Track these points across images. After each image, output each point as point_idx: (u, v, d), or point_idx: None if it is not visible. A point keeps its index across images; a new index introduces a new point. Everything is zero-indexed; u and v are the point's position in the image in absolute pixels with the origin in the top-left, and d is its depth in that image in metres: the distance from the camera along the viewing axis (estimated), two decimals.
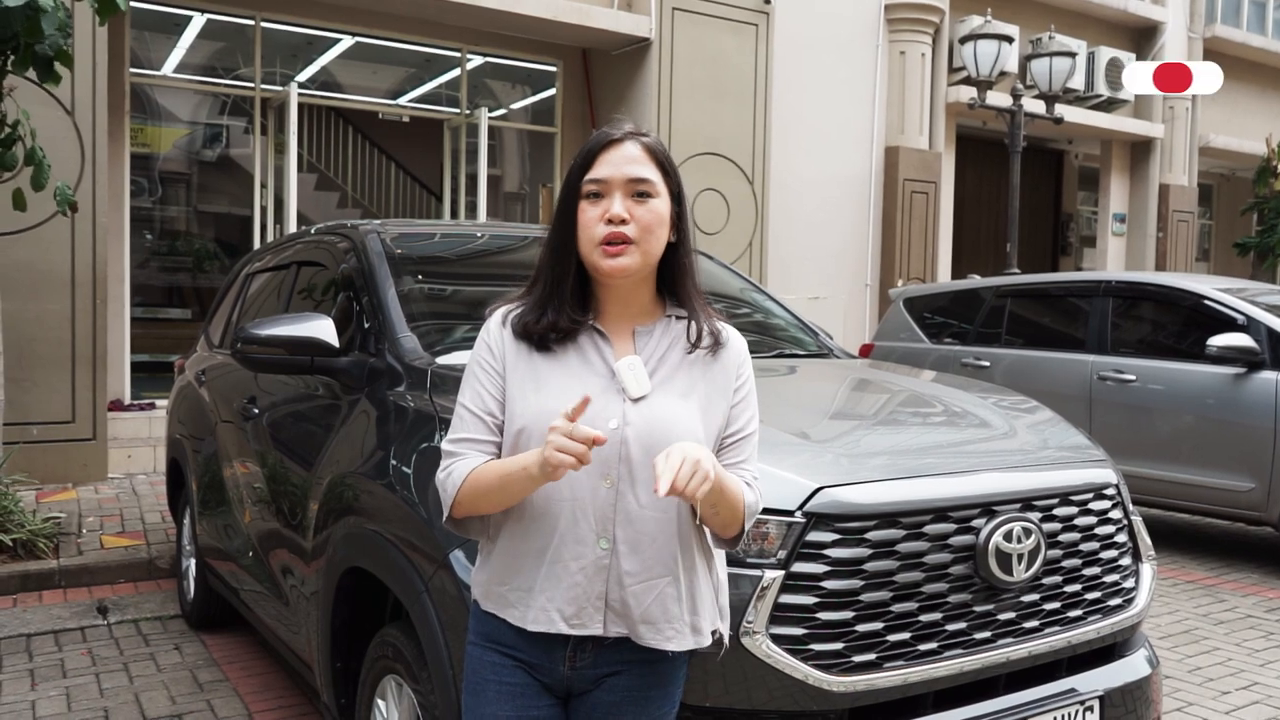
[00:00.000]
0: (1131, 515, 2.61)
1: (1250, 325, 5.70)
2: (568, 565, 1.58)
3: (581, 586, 1.58)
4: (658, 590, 1.59)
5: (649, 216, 1.61)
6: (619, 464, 1.58)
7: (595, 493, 1.58)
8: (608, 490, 1.58)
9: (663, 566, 1.60)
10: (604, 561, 1.58)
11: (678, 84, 9.42)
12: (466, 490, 1.60)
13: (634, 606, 1.59)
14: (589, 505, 1.58)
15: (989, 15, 10.89)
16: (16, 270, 6.31)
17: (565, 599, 1.58)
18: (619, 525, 1.58)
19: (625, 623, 1.60)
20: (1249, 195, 15.99)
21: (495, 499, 1.59)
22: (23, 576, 4.97)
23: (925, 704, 2.14)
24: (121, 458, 7.34)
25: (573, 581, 1.58)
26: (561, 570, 1.58)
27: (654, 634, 1.60)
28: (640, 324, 1.68)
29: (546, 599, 1.59)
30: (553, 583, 1.59)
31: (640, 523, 1.58)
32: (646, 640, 1.60)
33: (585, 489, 1.57)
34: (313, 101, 9.98)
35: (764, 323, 3.71)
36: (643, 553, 1.59)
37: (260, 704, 3.66)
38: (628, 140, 1.64)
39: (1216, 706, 3.79)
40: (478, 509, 1.62)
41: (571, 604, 1.58)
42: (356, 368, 2.87)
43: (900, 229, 11.34)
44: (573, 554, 1.58)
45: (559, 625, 1.58)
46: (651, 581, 1.59)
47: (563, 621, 1.58)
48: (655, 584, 1.59)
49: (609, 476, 1.57)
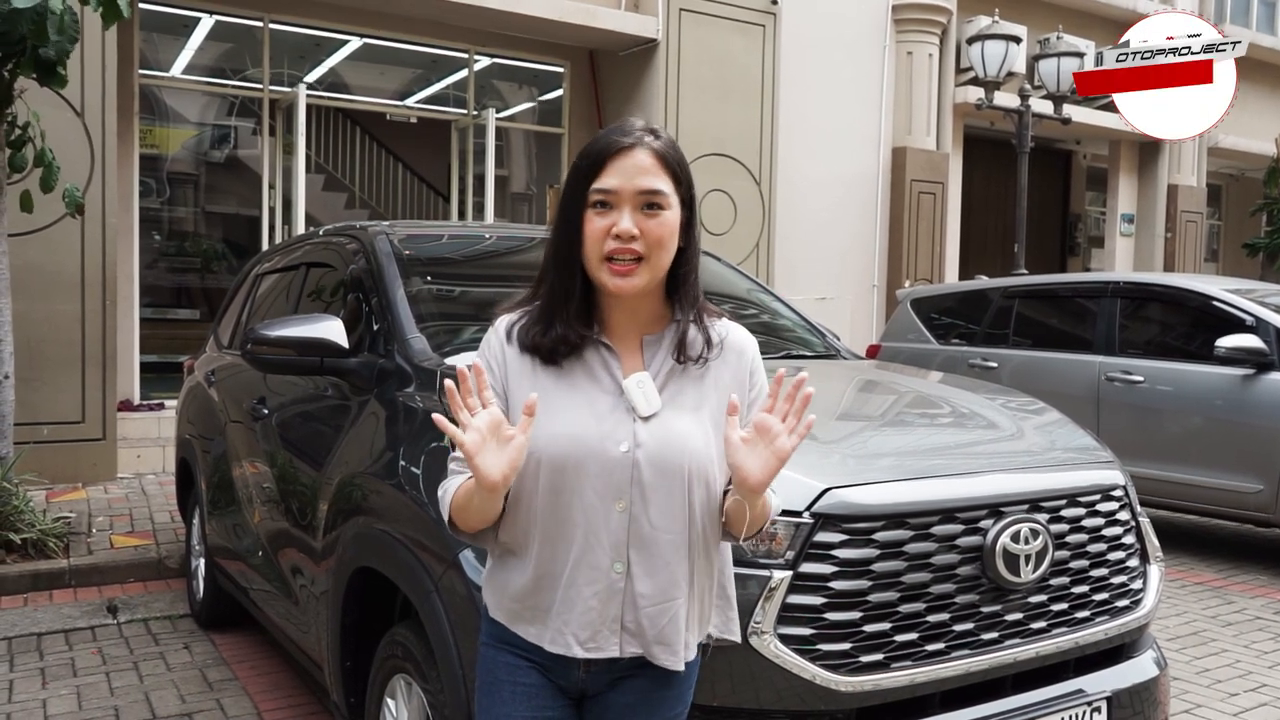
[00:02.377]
0: (1139, 516, 2.61)
1: (1259, 326, 5.69)
2: (581, 590, 1.55)
3: (596, 611, 1.55)
4: (672, 612, 1.57)
5: (659, 230, 1.55)
6: (631, 487, 1.54)
7: (608, 517, 1.54)
8: (620, 514, 1.55)
9: (676, 588, 1.57)
10: (619, 585, 1.55)
11: (685, 85, 9.43)
12: (455, 510, 1.58)
13: (649, 628, 1.57)
14: (602, 530, 1.55)
15: (996, 15, 10.87)
16: (27, 271, 6.34)
17: (580, 624, 1.56)
18: (633, 548, 1.55)
19: (640, 643, 1.58)
20: (1258, 196, 15.93)
21: (475, 515, 1.55)
22: (33, 576, 5.00)
23: (933, 704, 2.14)
24: (131, 458, 7.37)
25: (587, 606, 1.55)
26: (575, 595, 1.55)
27: (668, 654, 1.59)
28: (648, 332, 1.63)
29: (562, 623, 1.56)
30: (567, 607, 1.56)
31: (654, 545, 1.56)
32: (661, 661, 1.59)
33: (598, 513, 1.54)
34: (321, 103, 10.01)
35: (771, 324, 3.71)
36: (657, 575, 1.56)
37: (270, 703, 3.68)
38: (639, 147, 1.56)
39: (1224, 708, 3.78)
40: (470, 524, 1.58)
41: (586, 628, 1.56)
42: (366, 368, 2.88)
43: (907, 230, 11.32)
44: (587, 579, 1.55)
45: (575, 650, 1.56)
46: (665, 604, 1.57)
47: (578, 645, 1.56)
48: (669, 606, 1.57)
49: (622, 500, 1.54)
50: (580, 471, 1.54)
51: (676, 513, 1.56)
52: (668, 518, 1.56)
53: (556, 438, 1.54)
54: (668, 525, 1.55)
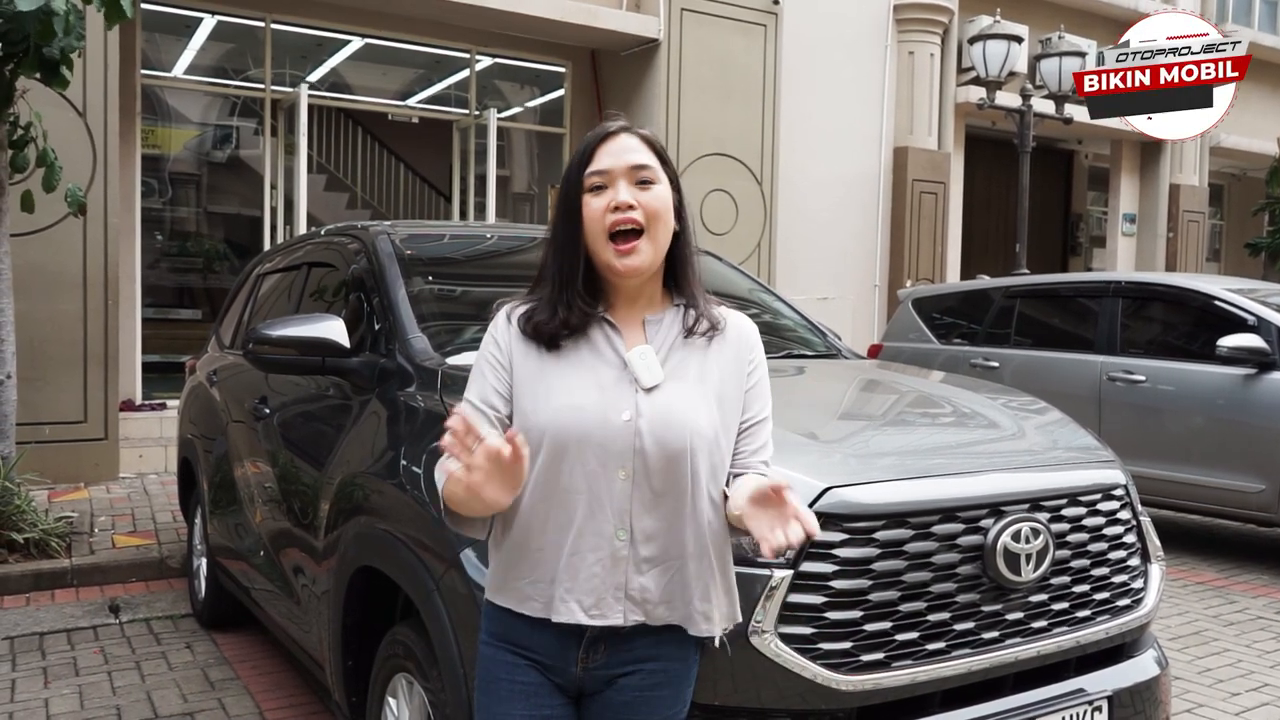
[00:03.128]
0: (1140, 516, 2.61)
1: (1261, 326, 5.69)
2: (585, 557, 1.59)
3: (600, 578, 1.59)
4: (673, 572, 1.61)
5: (655, 202, 1.63)
6: (634, 456, 1.58)
7: (611, 485, 1.59)
8: (623, 482, 1.59)
9: (678, 550, 1.61)
10: (622, 552, 1.59)
11: (686, 85, 9.43)
12: (447, 494, 1.56)
13: (652, 590, 1.61)
14: (605, 498, 1.59)
15: (998, 15, 10.87)
16: (29, 271, 6.35)
17: (584, 590, 1.59)
18: (636, 516, 1.59)
19: (643, 610, 1.61)
20: (1260, 195, 15.92)
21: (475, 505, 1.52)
22: (35, 575, 5.01)
23: (933, 703, 2.14)
24: (133, 457, 7.38)
25: (591, 573, 1.59)
26: (579, 562, 1.59)
27: (669, 612, 1.62)
28: (650, 314, 1.70)
29: (565, 590, 1.59)
30: (571, 575, 1.59)
31: (656, 513, 1.60)
32: (660, 619, 1.62)
33: (601, 481, 1.58)
34: (323, 103, 10.02)
35: (772, 323, 3.71)
36: (659, 540, 1.60)
37: (271, 702, 3.68)
38: (623, 133, 1.67)
39: (1226, 708, 3.78)
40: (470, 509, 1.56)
41: (590, 595, 1.59)
42: (367, 368, 2.88)
43: (909, 229, 11.32)
44: (590, 546, 1.59)
45: (579, 616, 1.59)
46: (667, 564, 1.61)
47: (582, 612, 1.59)
48: (670, 565, 1.61)
49: (625, 468, 1.58)
50: (584, 440, 1.57)
51: (679, 481, 1.60)
52: (670, 486, 1.59)
53: (561, 410, 1.58)
54: (670, 493, 1.59)
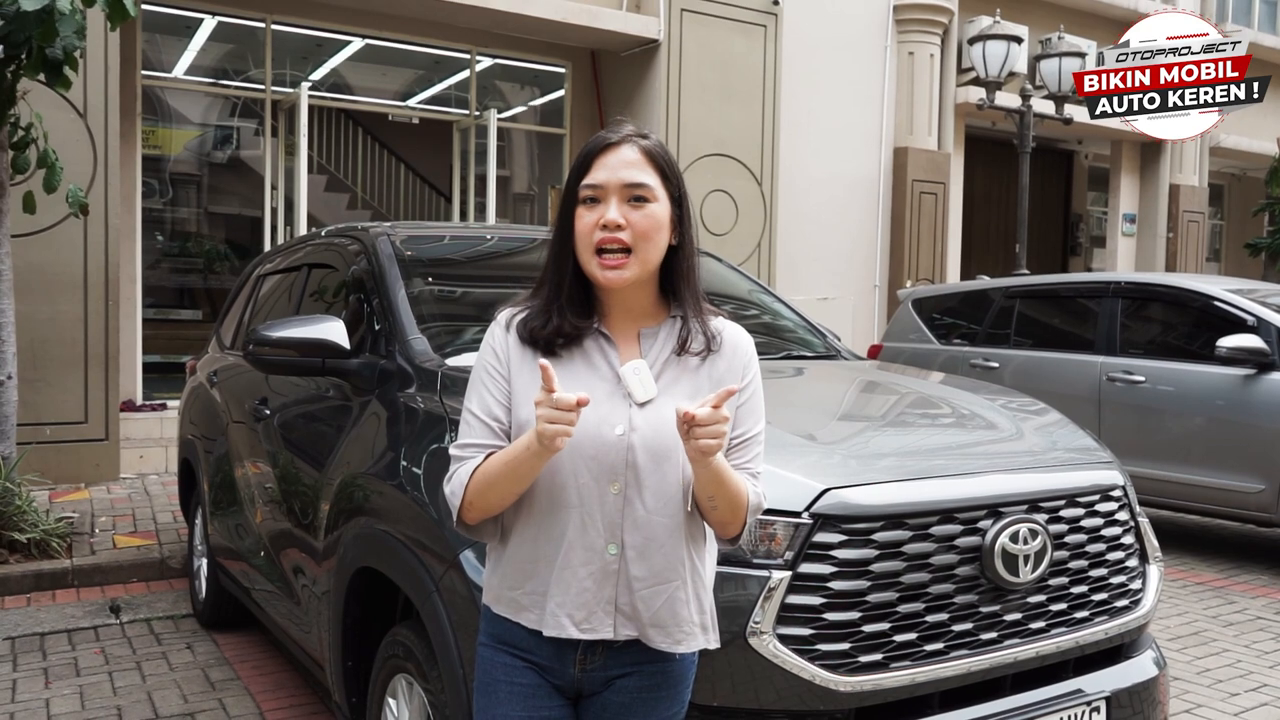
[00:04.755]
0: (1138, 517, 2.62)
1: (1260, 326, 5.69)
2: (576, 571, 1.58)
3: (591, 592, 1.58)
4: (667, 594, 1.60)
5: (645, 223, 1.59)
6: (626, 470, 1.58)
7: (603, 499, 1.58)
8: (615, 496, 1.58)
9: (671, 570, 1.60)
10: (613, 567, 1.58)
11: (686, 85, 9.43)
12: (475, 486, 1.59)
13: (643, 611, 1.59)
14: (597, 511, 1.58)
15: (998, 16, 10.87)
16: (30, 272, 6.36)
17: (575, 604, 1.59)
18: (627, 531, 1.58)
19: (635, 626, 1.61)
20: (1260, 196, 15.92)
21: (504, 487, 1.57)
22: (36, 576, 5.01)
23: (932, 704, 2.15)
24: (133, 458, 7.39)
25: (582, 587, 1.58)
26: (570, 576, 1.59)
27: (664, 637, 1.61)
28: (645, 326, 1.68)
29: (557, 604, 1.59)
30: (562, 588, 1.59)
31: (648, 528, 1.59)
32: (657, 643, 1.61)
33: (593, 495, 1.58)
34: (323, 103, 10.02)
35: (772, 324, 3.72)
36: (651, 558, 1.59)
37: (271, 703, 3.69)
38: (625, 144, 1.62)
39: (1225, 708, 3.78)
40: (489, 504, 1.60)
41: (581, 609, 1.59)
42: (367, 369, 2.89)
43: (909, 230, 11.32)
44: (582, 560, 1.58)
45: (569, 630, 1.59)
46: (660, 586, 1.60)
47: (573, 626, 1.59)
48: (664, 588, 1.60)
49: (616, 482, 1.58)
50: (576, 453, 1.56)
51: (670, 497, 1.59)
52: (662, 501, 1.59)
53: None
54: (662, 509, 1.59)
